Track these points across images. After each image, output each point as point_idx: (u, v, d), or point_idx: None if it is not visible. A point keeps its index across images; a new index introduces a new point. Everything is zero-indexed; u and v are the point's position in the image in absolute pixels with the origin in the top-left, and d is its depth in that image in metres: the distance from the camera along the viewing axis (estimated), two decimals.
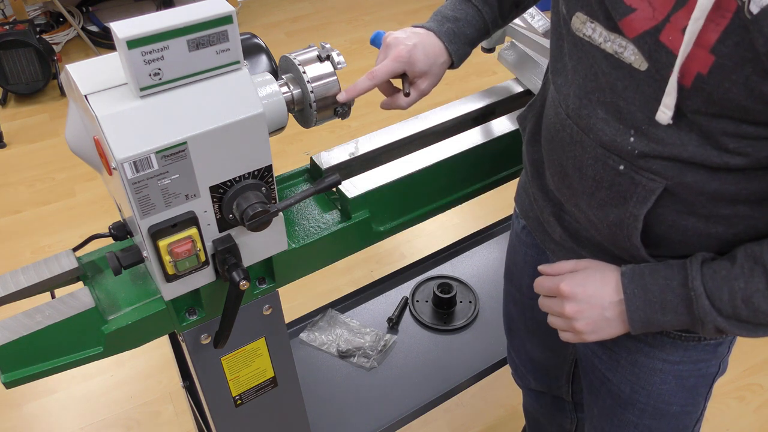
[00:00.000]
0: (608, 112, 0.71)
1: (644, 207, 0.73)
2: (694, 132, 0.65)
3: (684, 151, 0.67)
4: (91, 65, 0.72)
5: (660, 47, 0.63)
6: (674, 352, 0.87)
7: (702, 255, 0.74)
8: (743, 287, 0.70)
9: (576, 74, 0.76)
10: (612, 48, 0.69)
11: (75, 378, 1.94)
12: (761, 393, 1.89)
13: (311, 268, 0.95)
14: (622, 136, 0.70)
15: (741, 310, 0.70)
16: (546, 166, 0.88)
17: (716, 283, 0.71)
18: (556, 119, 0.81)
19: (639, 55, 0.66)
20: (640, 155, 0.70)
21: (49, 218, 2.50)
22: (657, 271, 0.76)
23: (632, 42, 0.66)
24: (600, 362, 0.96)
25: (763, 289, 0.69)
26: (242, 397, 1.01)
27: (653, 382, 0.90)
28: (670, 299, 0.74)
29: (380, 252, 2.33)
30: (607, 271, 0.80)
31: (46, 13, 3.59)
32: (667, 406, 0.93)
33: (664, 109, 0.64)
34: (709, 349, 0.87)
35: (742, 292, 0.70)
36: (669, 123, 0.64)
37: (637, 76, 0.67)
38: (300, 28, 3.76)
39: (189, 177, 0.72)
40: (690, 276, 0.73)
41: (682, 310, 0.74)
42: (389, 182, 0.97)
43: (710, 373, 0.90)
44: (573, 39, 0.74)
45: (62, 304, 0.79)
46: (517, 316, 1.22)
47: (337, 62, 0.86)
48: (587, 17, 0.71)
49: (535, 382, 1.31)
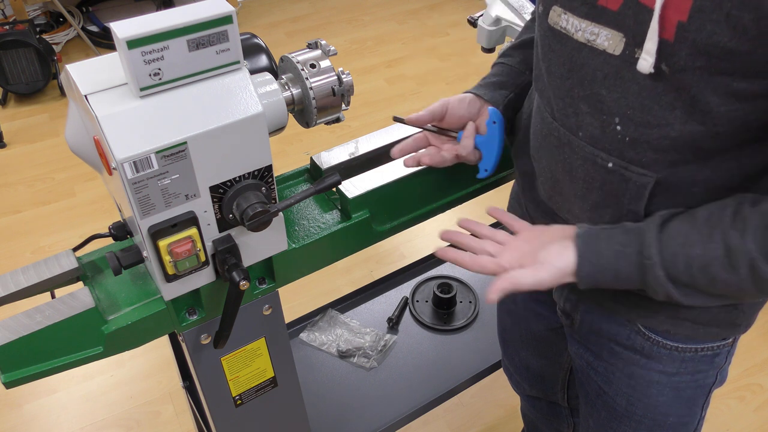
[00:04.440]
0: (591, 105, 0.71)
1: (641, 203, 0.72)
2: (679, 105, 0.64)
3: (671, 130, 0.66)
4: (91, 65, 0.72)
5: (641, 9, 0.62)
6: (671, 363, 0.86)
7: (661, 215, 0.72)
8: (700, 255, 0.67)
9: (551, 75, 0.76)
10: (584, 37, 0.69)
11: (75, 378, 1.94)
12: (761, 393, 1.89)
13: (311, 268, 0.95)
14: (608, 126, 0.70)
15: (698, 278, 0.68)
16: (537, 175, 0.87)
17: (672, 249, 0.69)
18: (542, 125, 0.81)
19: (612, 40, 0.66)
20: (631, 143, 0.69)
21: (49, 218, 2.50)
22: (613, 236, 0.73)
23: (615, 17, 0.65)
24: (595, 374, 0.96)
25: (720, 257, 0.66)
26: (242, 397, 1.01)
27: (650, 394, 0.89)
28: (623, 266, 0.72)
29: (380, 252, 2.33)
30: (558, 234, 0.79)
31: (46, 13, 3.59)
32: (664, 417, 0.92)
33: (646, 56, 0.62)
34: (706, 360, 0.86)
35: (699, 259, 0.67)
36: (651, 72, 0.63)
37: (613, 62, 0.67)
38: (300, 28, 3.76)
39: (189, 177, 0.72)
40: (646, 243, 0.70)
41: (634, 278, 0.72)
42: (389, 182, 0.97)
43: (708, 383, 0.89)
44: (550, 34, 0.74)
45: (62, 304, 0.79)
46: (511, 326, 1.22)
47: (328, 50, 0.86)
48: (562, 9, 0.71)
49: (531, 388, 1.30)
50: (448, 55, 3.46)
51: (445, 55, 3.46)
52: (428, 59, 3.43)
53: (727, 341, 0.85)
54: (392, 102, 3.09)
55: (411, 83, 3.23)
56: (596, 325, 0.90)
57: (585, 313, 0.91)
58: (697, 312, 0.79)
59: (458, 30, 3.67)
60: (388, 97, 3.13)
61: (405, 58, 3.44)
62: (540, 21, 0.77)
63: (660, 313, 0.81)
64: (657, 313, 0.81)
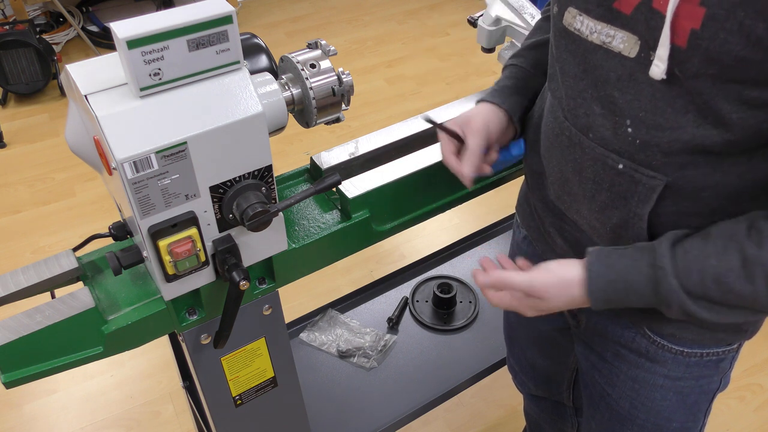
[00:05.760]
0: (603, 107, 0.71)
1: (647, 206, 0.72)
2: (692, 108, 0.64)
3: (684, 134, 0.66)
4: (91, 65, 0.72)
5: (654, 14, 0.62)
6: (676, 368, 0.85)
7: (674, 234, 0.71)
8: (715, 265, 0.67)
9: (565, 76, 0.76)
10: (599, 39, 0.69)
11: (75, 378, 1.94)
12: (761, 393, 1.89)
13: (311, 268, 0.95)
14: (620, 128, 0.70)
15: (712, 290, 0.68)
16: (546, 174, 0.87)
17: (686, 262, 0.69)
18: (554, 124, 0.81)
19: (627, 42, 0.66)
20: (641, 146, 0.69)
21: (49, 218, 2.50)
22: (625, 253, 0.74)
23: (629, 21, 0.65)
24: (600, 376, 0.95)
25: (736, 268, 0.66)
26: (242, 397, 1.01)
27: (653, 398, 0.89)
28: (635, 279, 0.72)
29: (380, 252, 2.33)
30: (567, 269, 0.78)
31: (46, 13, 3.59)
32: (667, 422, 0.91)
33: (658, 62, 0.63)
34: (711, 365, 0.85)
35: (713, 269, 0.67)
36: (663, 78, 0.63)
37: (628, 64, 0.67)
38: (300, 28, 3.76)
39: (189, 177, 0.72)
40: (659, 254, 0.70)
41: (647, 291, 0.72)
42: (389, 182, 0.97)
43: (712, 389, 0.89)
44: (565, 35, 0.74)
45: (62, 304, 0.79)
46: (518, 324, 1.22)
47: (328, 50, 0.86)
48: (577, 11, 0.71)
49: (536, 388, 1.30)
50: (448, 55, 3.46)
51: (445, 55, 3.46)
52: (428, 59, 3.43)
53: (733, 346, 0.85)
54: (392, 102, 3.09)
55: (411, 83, 3.23)
56: (601, 327, 0.90)
57: (591, 315, 0.91)
58: None
59: (458, 30, 3.67)
60: (388, 97, 3.13)
61: (405, 58, 3.44)
62: (554, 21, 0.77)
63: (665, 316, 0.81)
64: (662, 317, 0.81)
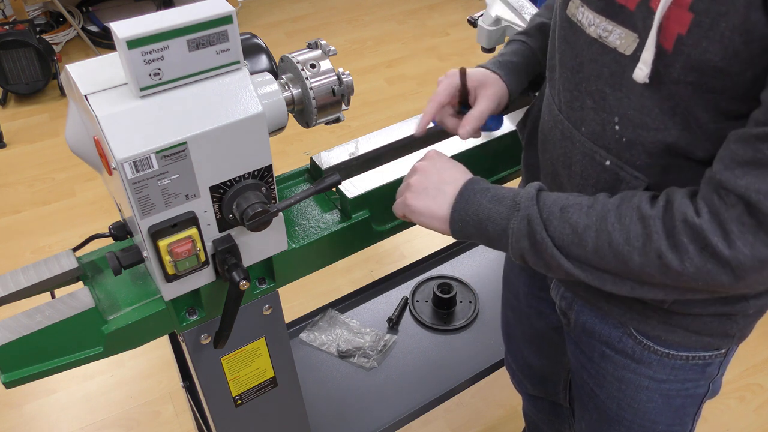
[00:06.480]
0: (595, 102, 0.72)
1: None
2: (678, 111, 0.65)
3: (668, 136, 0.66)
4: (91, 65, 0.72)
5: (650, 14, 0.62)
6: (661, 370, 0.86)
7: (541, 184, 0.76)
8: (576, 203, 0.70)
9: (563, 67, 0.76)
10: (596, 32, 0.69)
11: (75, 378, 1.94)
12: (761, 393, 1.89)
13: (311, 268, 0.95)
14: (608, 124, 0.71)
15: (567, 229, 0.70)
16: (540, 168, 0.88)
17: (549, 200, 0.72)
18: (549, 117, 0.81)
19: (626, 39, 0.66)
20: (627, 144, 0.70)
21: (49, 218, 2.50)
22: (495, 189, 0.77)
23: (631, 17, 0.65)
24: (588, 376, 0.96)
25: (585, 206, 0.69)
26: (242, 397, 1.01)
27: (639, 399, 0.89)
28: (493, 208, 0.75)
29: (380, 252, 2.33)
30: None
31: (46, 13, 3.59)
32: (653, 425, 0.91)
33: (642, 66, 0.63)
34: (697, 369, 0.85)
35: (565, 201, 0.70)
36: (645, 81, 0.64)
37: (622, 61, 0.67)
38: (300, 28, 3.76)
39: (189, 177, 0.72)
40: (522, 194, 0.74)
41: (502, 218, 0.74)
42: (389, 182, 0.97)
43: (699, 393, 0.89)
44: (566, 25, 0.74)
45: (62, 304, 0.79)
46: (515, 322, 1.22)
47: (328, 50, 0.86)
48: (580, 1, 0.71)
49: (533, 387, 1.30)
50: (448, 55, 3.46)
51: (445, 55, 3.46)
52: (428, 59, 3.43)
53: (720, 351, 0.84)
54: (392, 102, 3.09)
55: (411, 83, 3.23)
56: (589, 326, 0.90)
57: (579, 313, 0.91)
58: (690, 319, 0.79)
59: (458, 30, 3.67)
60: (388, 97, 3.13)
61: (405, 58, 3.45)
62: (559, 10, 0.77)
63: (652, 318, 0.81)
64: (649, 318, 0.81)
